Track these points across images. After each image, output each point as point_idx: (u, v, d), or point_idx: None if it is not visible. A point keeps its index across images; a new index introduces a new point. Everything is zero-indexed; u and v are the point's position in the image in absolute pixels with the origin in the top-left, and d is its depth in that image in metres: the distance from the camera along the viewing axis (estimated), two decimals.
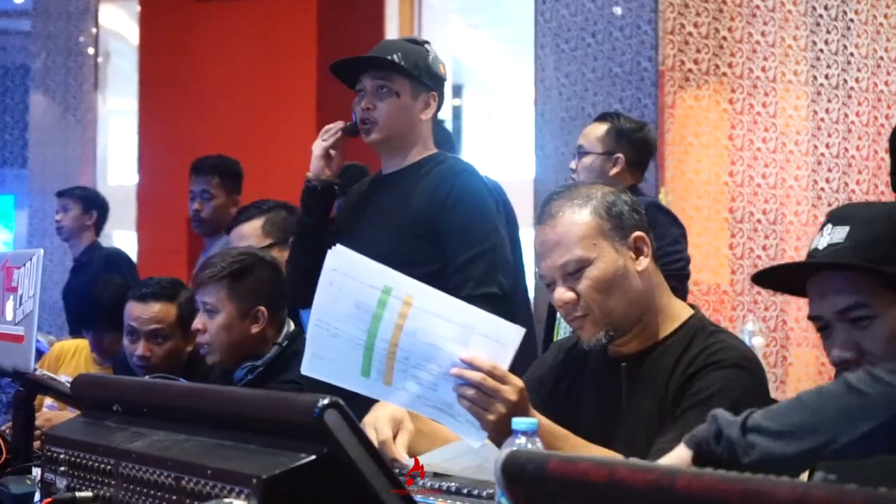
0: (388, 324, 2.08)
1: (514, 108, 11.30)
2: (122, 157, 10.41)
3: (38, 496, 2.14)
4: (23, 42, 11.40)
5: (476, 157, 10.46)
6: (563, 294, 2.27)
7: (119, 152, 10.77)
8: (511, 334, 2.09)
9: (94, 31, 9.82)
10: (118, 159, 10.88)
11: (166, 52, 8.05)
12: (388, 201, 3.28)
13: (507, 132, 11.43)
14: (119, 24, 10.90)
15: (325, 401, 1.47)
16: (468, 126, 12.04)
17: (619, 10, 6.01)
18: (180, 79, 7.91)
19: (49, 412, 3.58)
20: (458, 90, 11.71)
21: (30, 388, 2.73)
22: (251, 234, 3.92)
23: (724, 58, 5.97)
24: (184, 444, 1.68)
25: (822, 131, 6.25)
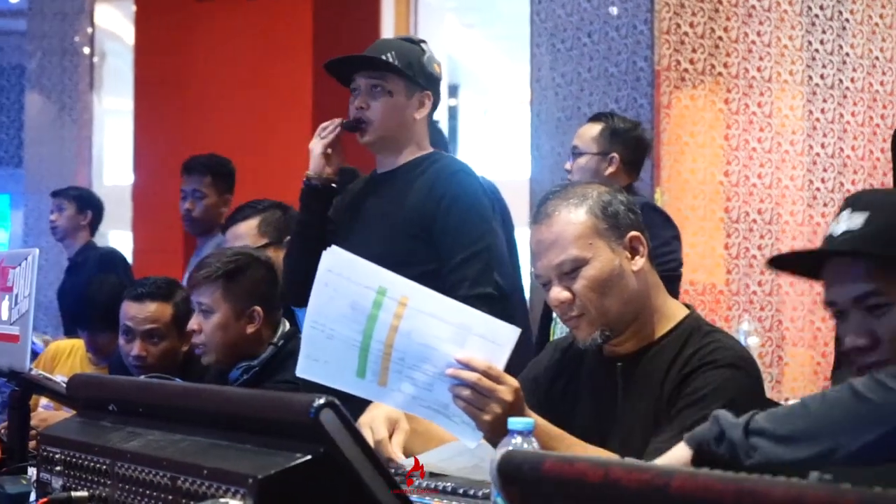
0: (383, 325, 2.07)
1: (509, 108, 11.29)
2: (118, 156, 10.39)
3: (33, 496, 2.14)
4: (18, 42, 11.39)
5: (472, 156, 10.46)
6: (558, 294, 2.27)
7: (115, 152, 10.75)
8: (507, 334, 2.09)
9: (89, 30, 9.81)
10: (114, 159, 10.86)
11: (162, 52, 8.05)
12: (383, 201, 3.27)
13: (503, 132, 11.42)
14: (115, 24, 10.88)
15: (321, 400, 1.47)
16: (464, 126, 12.03)
17: (614, 10, 6.01)
18: (176, 78, 7.90)
19: (45, 412, 3.58)
20: (453, 90, 11.70)
21: (25, 387, 2.73)
22: (247, 233, 3.92)
23: (720, 58, 5.97)
24: (179, 444, 1.68)
25: (818, 131, 6.25)
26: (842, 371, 3.67)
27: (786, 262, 2.08)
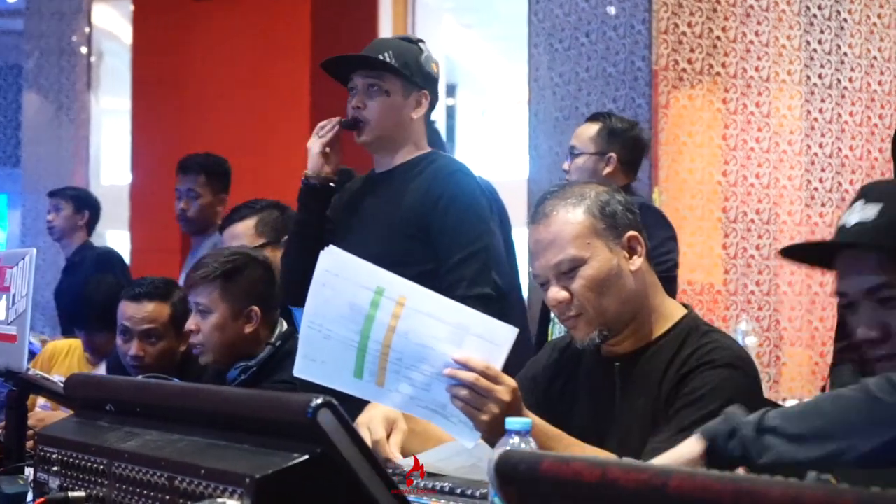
0: (380, 325, 2.07)
1: (507, 108, 11.30)
2: (116, 156, 10.39)
3: (30, 496, 2.14)
4: (16, 41, 11.39)
5: (470, 156, 10.46)
6: (556, 293, 2.27)
7: (112, 152, 10.75)
8: (504, 334, 2.09)
9: (87, 30, 9.81)
10: (111, 159, 10.86)
11: (159, 52, 8.04)
12: (381, 201, 3.27)
13: (501, 132, 11.43)
14: (112, 24, 10.88)
15: (319, 401, 1.47)
16: (462, 126, 12.03)
17: (612, 10, 6.01)
18: (173, 78, 7.89)
19: (42, 412, 3.57)
20: (451, 90, 11.70)
21: (22, 387, 2.73)
22: (244, 233, 3.91)
23: (718, 57, 5.97)
24: (177, 444, 1.68)
25: (816, 131, 6.25)
26: (840, 368, 3.67)
27: (797, 253, 2.06)
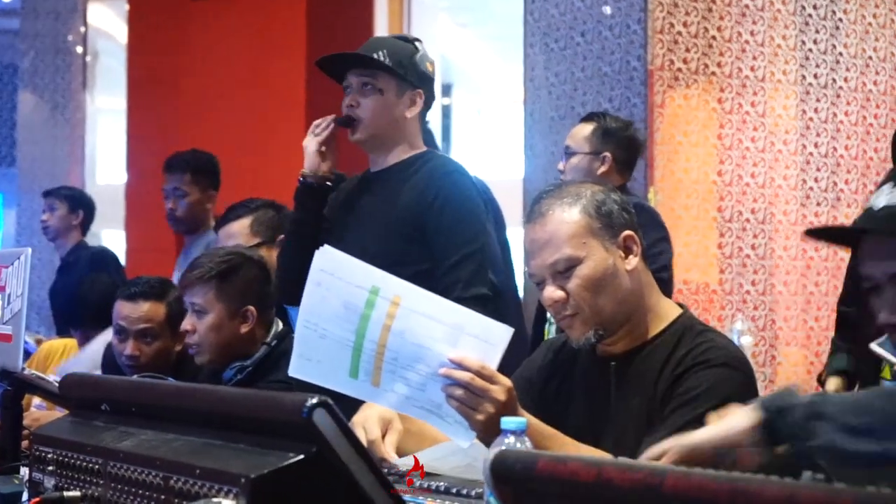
0: (375, 324, 2.07)
1: (503, 107, 11.30)
2: (111, 155, 10.38)
3: (25, 496, 2.14)
4: (11, 41, 11.38)
5: (465, 156, 10.46)
6: (552, 293, 2.27)
7: (107, 151, 10.74)
8: (500, 334, 2.09)
9: (82, 29, 9.80)
10: (107, 158, 10.85)
11: (155, 51, 8.03)
12: (377, 200, 3.27)
13: (497, 131, 11.43)
14: (107, 23, 10.87)
15: (314, 400, 1.47)
16: (457, 125, 12.03)
17: (608, 10, 6.01)
18: (169, 77, 7.88)
19: (37, 412, 3.57)
20: (447, 89, 11.70)
21: (18, 387, 2.73)
22: (239, 232, 3.91)
23: (714, 57, 5.97)
24: (172, 444, 1.67)
25: (811, 130, 6.26)
26: (837, 356, 3.67)
27: (822, 234, 2.06)
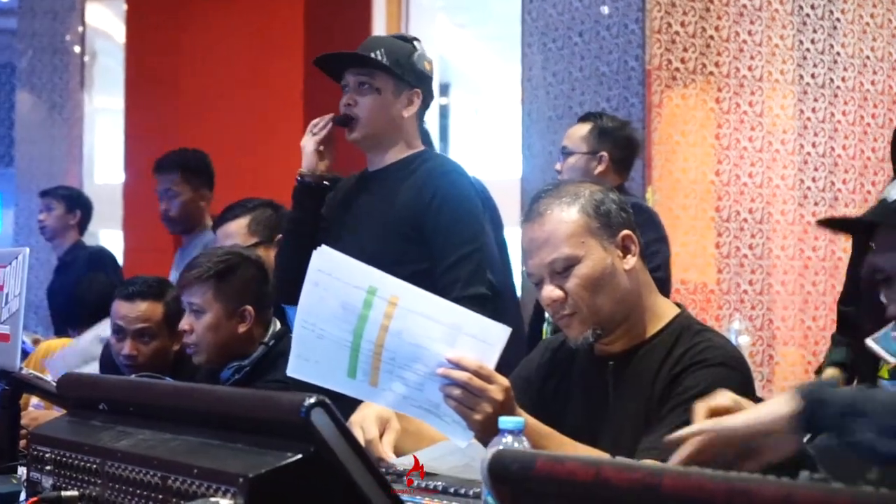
0: (373, 324, 2.07)
1: (501, 107, 11.29)
2: (109, 155, 10.37)
3: (23, 495, 2.14)
4: (9, 40, 11.37)
5: (463, 155, 10.45)
6: (550, 292, 2.27)
7: (105, 151, 10.73)
8: (497, 334, 2.09)
9: (80, 29, 9.79)
10: (105, 158, 10.84)
11: (153, 51, 8.03)
12: (375, 199, 3.27)
13: (494, 131, 11.42)
14: (105, 22, 10.86)
15: (312, 400, 1.47)
16: (455, 125, 12.02)
17: (606, 10, 6.01)
18: (167, 77, 7.88)
19: (35, 411, 3.57)
20: (444, 89, 11.69)
21: (15, 387, 2.73)
22: (237, 232, 3.91)
23: (711, 57, 5.97)
24: (170, 444, 1.67)
25: (809, 130, 6.26)
26: (836, 349, 3.67)
27: (835, 224, 2.05)
